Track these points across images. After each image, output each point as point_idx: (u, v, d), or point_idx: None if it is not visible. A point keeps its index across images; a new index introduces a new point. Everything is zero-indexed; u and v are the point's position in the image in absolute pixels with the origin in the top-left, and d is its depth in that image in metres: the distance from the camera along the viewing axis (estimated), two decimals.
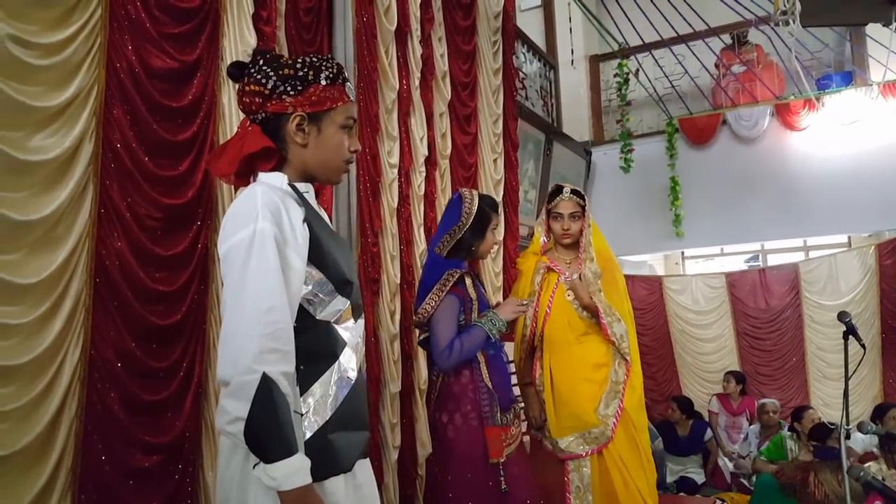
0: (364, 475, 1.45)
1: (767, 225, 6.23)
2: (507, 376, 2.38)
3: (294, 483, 1.20)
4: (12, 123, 1.77)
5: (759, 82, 6.23)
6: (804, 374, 6.13)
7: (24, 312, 1.80)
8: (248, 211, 1.29)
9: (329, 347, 1.38)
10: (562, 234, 2.75)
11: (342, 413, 1.36)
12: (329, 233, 1.46)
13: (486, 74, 4.23)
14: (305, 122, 1.41)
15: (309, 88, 1.40)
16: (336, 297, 1.39)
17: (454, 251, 2.38)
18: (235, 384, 1.20)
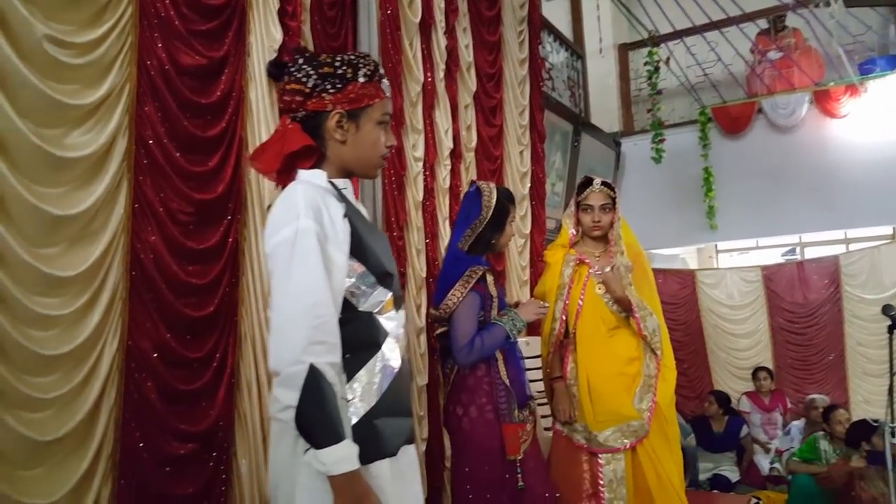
0: (408, 461, 1.50)
1: (805, 217, 6.06)
2: (522, 372, 2.39)
3: (342, 468, 1.26)
4: (50, 121, 1.84)
5: (796, 68, 6.06)
6: (843, 370, 5.96)
7: (64, 304, 1.86)
8: (290, 210, 1.35)
9: (372, 337, 1.44)
10: (592, 227, 2.73)
11: (386, 400, 1.42)
12: (368, 227, 1.51)
13: (511, 65, 4.21)
14: (344, 119, 1.45)
15: (348, 86, 1.44)
16: (378, 288, 1.45)
17: (474, 246, 2.40)
18: (285, 375, 1.27)
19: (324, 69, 1.44)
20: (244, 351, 2.38)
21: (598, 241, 2.78)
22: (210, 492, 2.22)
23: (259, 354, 2.39)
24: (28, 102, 1.77)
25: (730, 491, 4.92)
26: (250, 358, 2.38)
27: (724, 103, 6.35)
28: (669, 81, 6.51)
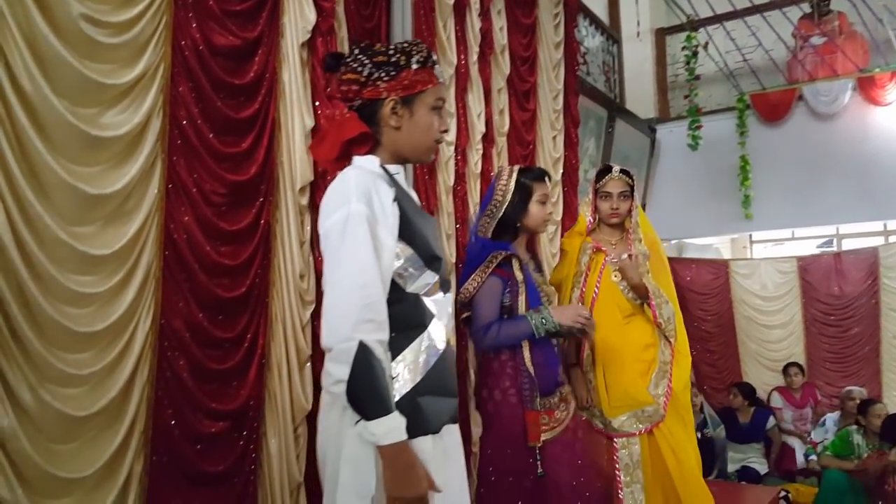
0: (452, 440, 1.56)
1: (844, 207, 5.89)
2: (554, 360, 2.33)
3: (391, 438, 1.33)
4: (86, 100, 1.85)
5: (840, 54, 5.87)
6: (877, 364, 5.82)
7: (99, 282, 1.89)
8: (342, 194, 1.41)
9: (418, 318, 1.50)
10: (610, 214, 2.70)
11: (430, 379, 1.47)
12: (418, 212, 1.56)
13: (546, 48, 4.14)
14: (398, 105, 1.49)
15: (401, 73, 1.48)
16: (425, 271, 1.50)
17: (499, 231, 2.35)
18: (337, 350, 1.33)
19: (378, 58, 1.48)
20: (275, 332, 2.39)
21: (614, 228, 2.76)
22: (240, 470, 2.25)
23: (289, 336, 2.40)
24: (64, 82, 1.78)
25: (758, 483, 4.85)
26: (281, 339, 2.39)
27: (763, 90, 6.18)
28: (707, 67, 6.35)
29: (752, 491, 4.07)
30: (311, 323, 2.48)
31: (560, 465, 2.23)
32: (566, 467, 2.24)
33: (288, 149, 2.44)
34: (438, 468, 1.43)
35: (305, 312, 2.45)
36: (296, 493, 2.38)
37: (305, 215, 2.50)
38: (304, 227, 2.49)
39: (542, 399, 2.25)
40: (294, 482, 2.37)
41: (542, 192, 2.35)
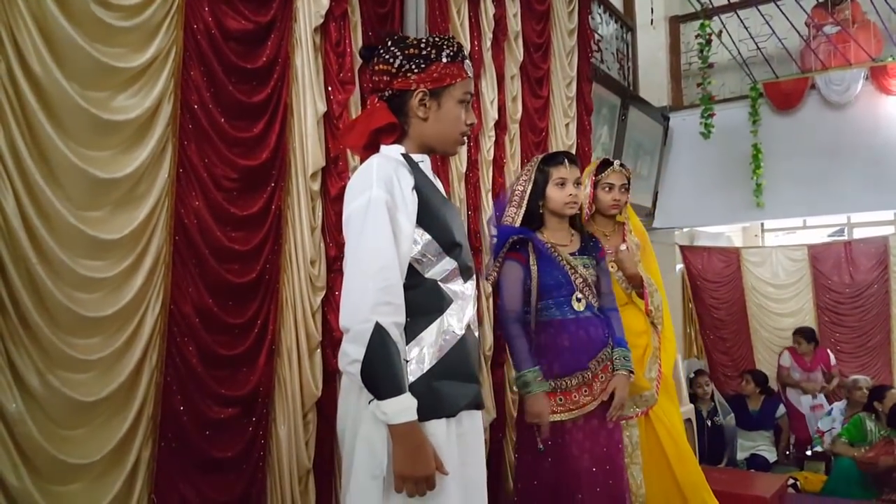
0: (472, 425, 1.58)
1: (856, 196, 5.84)
2: (579, 344, 2.30)
3: (402, 418, 1.36)
4: (97, 84, 1.83)
5: (853, 43, 5.80)
6: (888, 353, 5.85)
7: (108, 267, 1.88)
8: (364, 180, 1.45)
9: (435, 303, 1.52)
10: (611, 205, 2.74)
11: (446, 364, 1.49)
12: (441, 199, 1.58)
13: (560, 35, 4.09)
14: (427, 97, 1.53)
15: (431, 66, 1.52)
16: (444, 258, 1.53)
17: (528, 219, 2.38)
18: (354, 331, 1.37)
19: (409, 50, 1.52)
20: (285, 318, 2.39)
21: (608, 219, 2.80)
22: (249, 456, 2.25)
23: (300, 322, 2.39)
24: (75, 65, 1.76)
25: (767, 471, 4.86)
26: (291, 325, 2.39)
27: (776, 79, 6.11)
28: (720, 56, 6.28)
29: (760, 479, 4.07)
30: (322, 309, 2.47)
31: (581, 450, 2.25)
32: (587, 454, 2.25)
33: (300, 134, 2.42)
34: (451, 452, 1.46)
35: (316, 298, 2.44)
36: (305, 480, 2.39)
37: (317, 201, 2.48)
38: (316, 212, 2.47)
39: (556, 381, 2.25)
40: (303, 468, 2.37)
41: (558, 175, 2.34)
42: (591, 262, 2.38)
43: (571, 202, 2.34)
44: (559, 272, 2.31)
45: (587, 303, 2.32)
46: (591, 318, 2.32)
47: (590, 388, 2.28)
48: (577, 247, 2.39)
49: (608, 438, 2.31)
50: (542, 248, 2.32)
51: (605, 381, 2.30)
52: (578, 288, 2.31)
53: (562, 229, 2.40)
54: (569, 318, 2.30)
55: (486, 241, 3.37)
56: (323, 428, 2.46)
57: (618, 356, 2.33)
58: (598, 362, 2.30)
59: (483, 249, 3.36)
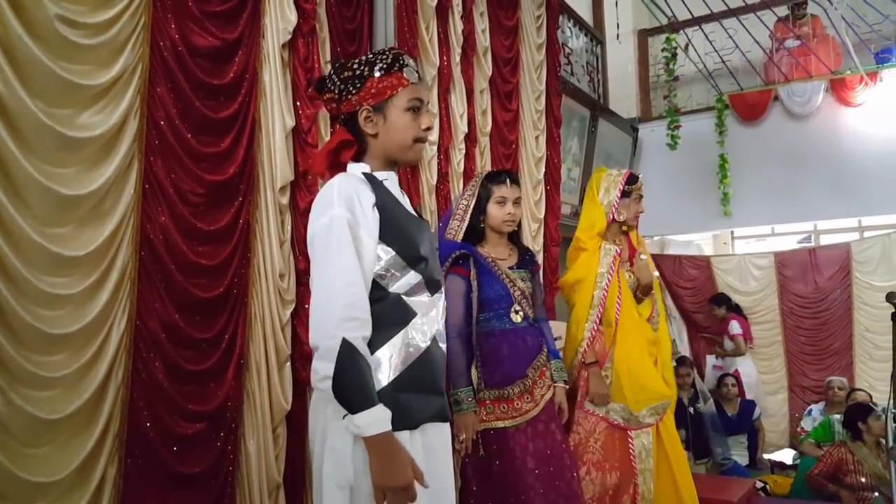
0: (438, 437, 1.59)
1: (820, 204, 6.02)
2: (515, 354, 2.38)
3: (375, 430, 1.37)
4: (61, 101, 1.84)
5: (813, 57, 5.97)
6: (850, 356, 5.97)
7: (73, 283, 1.88)
8: (326, 199, 1.48)
9: (399, 316, 1.53)
10: (634, 217, 2.85)
11: (409, 376, 1.51)
12: (406, 215, 1.60)
13: (528, 50, 4.16)
14: (372, 112, 1.56)
15: (366, 83, 1.55)
16: (409, 271, 1.54)
17: (469, 234, 2.43)
18: (323, 348, 1.39)
19: (344, 74, 1.56)
20: (254, 332, 2.39)
21: (619, 231, 2.88)
22: (217, 471, 2.25)
23: (269, 335, 2.40)
24: (39, 83, 1.77)
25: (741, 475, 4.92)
26: (260, 339, 2.39)
27: (741, 90, 6.27)
28: (687, 68, 6.42)
29: (731, 483, 4.13)
30: (291, 322, 2.48)
31: (526, 452, 2.32)
32: (530, 456, 2.32)
33: (269, 148, 2.44)
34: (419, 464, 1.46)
35: (285, 312, 2.45)
36: (275, 494, 2.39)
37: (286, 215, 2.50)
38: (285, 226, 2.49)
39: (499, 390, 2.34)
40: (273, 483, 2.37)
41: (500, 193, 2.42)
42: (528, 276, 2.47)
43: (510, 220, 2.43)
44: (499, 285, 2.39)
45: (524, 314, 2.40)
46: (528, 328, 2.42)
47: (531, 394, 2.37)
48: (514, 261, 2.47)
49: (551, 440, 2.38)
50: (482, 262, 2.40)
51: (543, 387, 2.40)
52: (517, 300, 2.39)
53: (501, 244, 2.48)
54: (507, 329, 2.39)
55: None
56: (293, 442, 2.47)
57: (555, 368, 2.45)
58: (535, 369, 2.40)
59: None
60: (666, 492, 2.72)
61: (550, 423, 2.39)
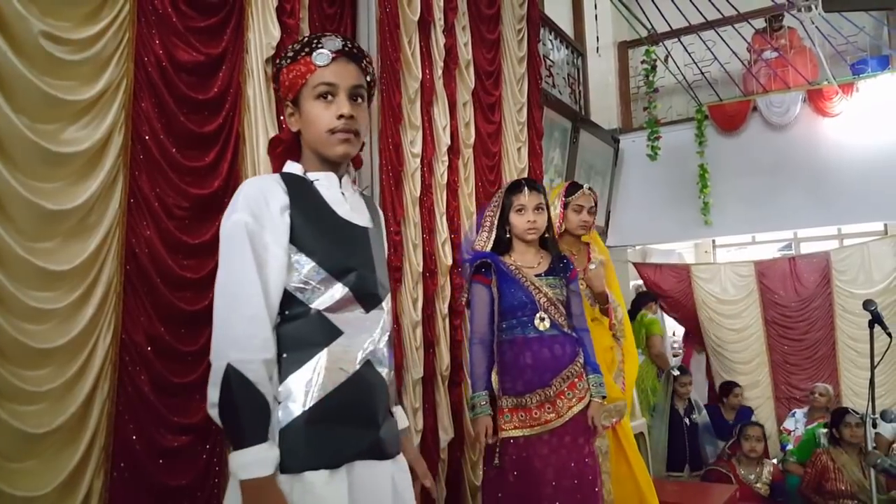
0: (371, 478, 1.36)
1: (799, 213, 6.12)
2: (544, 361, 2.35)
3: (252, 473, 1.19)
4: (46, 117, 1.85)
5: (791, 68, 6.10)
6: (834, 364, 6.04)
7: (58, 298, 1.88)
8: (231, 204, 1.35)
9: (318, 336, 1.34)
10: (580, 225, 2.91)
11: (332, 405, 1.31)
12: (333, 220, 1.42)
13: (510, 63, 4.22)
14: (291, 107, 1.45)
15: (280, 77, 1.44)
16: (333, 284, 1.36)
17: (497, 244, 2.50)
18: (213, 370, 1.24)
19: (280, 63, 1.48)
20: None
21: (575, 239, 2.96)
22: (203, 484, 2.25)
23: None
24: (24, 98, 1.78)
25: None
26: None
27: (720, 101, 6.39)
28: (667, 80, 6.53)
29: (711, 489, 4.18)
30: None
31: (546, 463, 2.31)
32: (551, 468, 2.30)
33: (253, 162, 2.46)
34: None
35: None
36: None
37: None
38: None
39: (518, 398, 2.34)
40: None
41: (518, 202, 2.45)
42: (559, 283, 2.44)
43: (530, 227, 2.43)
44: (522, 293, 2.38)
45: (552, 321, 2.37)
46: (558, 337, 2.37)
47: (553, 405, 2.33)
48: (544, 269, 2.45)
49: (577, 454, 2.34)
50: (504, 269, 2.42)
51: (572, 399, 2.34)
52: (542, 308, 2.37)
53: (529, 252, 2.49)
54: (531, 337, 2.35)
55: (441, 264, 3.44)
56: None
57: (592, 382, 2.40)
58: (563, 380, 2.35)
59: (439, 272, 3.43)
60: (627, 494, 2.79)
61: (579, 437, 2.35)
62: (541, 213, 2.44)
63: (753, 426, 4.51)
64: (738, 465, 4.33)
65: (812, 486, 4.23)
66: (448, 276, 3.49)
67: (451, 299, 3.50)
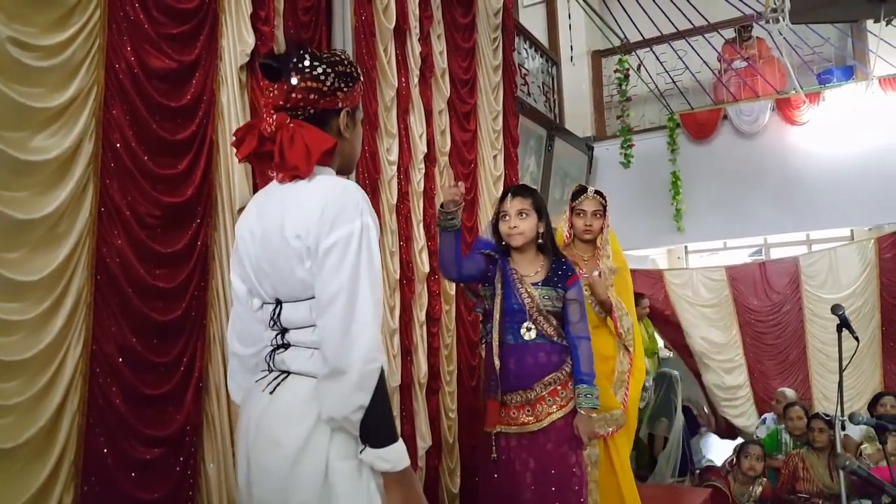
0: None
1: (769, 219, 6.25)
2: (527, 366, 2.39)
3: (405, 463, 1.30)
4: (13, 124, 1.81)
5: (760, 77, 6.23)
6: (806, 368, 6.15)
7: (26, 309, 1.84)
8: (353, 204, 1.34)
9: None
10: (584, 230, 2.90)
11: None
12: None
13: (485, 71, 4.24)
14: (348, 117, 1.47)
15: (355, 85, 1.46)
16: None
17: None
18: (359, 374, 1.25)
19: (338, 67, 1.42)
20: (213, 355, 2.37)
21: (587, 244, 2.95)
22: (177, 496, 2.21)
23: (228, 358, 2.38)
24: None
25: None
26: (219, 362, 2.37)
27: (691, 110, 6.50)
28: (639, 88, 6.63)
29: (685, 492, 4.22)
30: None
31: (525, 467, 2.34)
32: (530, 472, 2.34)
33: (227, 170, 2.44)
34: None
35: None
36: None
37: None
38: None
39: (504, 395, 2.37)
40: None
41: (502, 208, 2.50)
42: (555, 293, 2.43)
43: (511, 233, 2.44)
44: (514, 299, 2.40)
45: (539, 331, 2.39)
46: (543, 345, 2.39)
47: (532, 408, 2.37)
48: (542, 277, 2.46)
49: (560, 461, 2.35)
50: (506, 272, 2.44)
51: (552, 406, 2.37)
52: (531, 317, 2.39)
53: (524, 260, 2.48)
54: (515, 344, 2.39)
55: (418, 272, 3.44)
56: None
57: (579, 392, 2.39)
58: (545, 385, 2.38)
59: (416, 279, 3.42)
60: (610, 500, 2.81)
61: (562, 445, 2.36)
62: (524, 219, 2.43)
63: (754, 444, 4.44)
64: (734, 482, 4.34)
65: (786, 488, 4.30)
66: (425, 284, 3.49)
67: (429, 307, 3.50)
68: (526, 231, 2.43)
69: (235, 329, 1.59)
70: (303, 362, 1.39)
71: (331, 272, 1.30)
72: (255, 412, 1.44)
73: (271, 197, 1.47)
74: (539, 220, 2.46)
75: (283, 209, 1.39)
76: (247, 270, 1.49)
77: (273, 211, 1.42)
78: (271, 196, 1.47)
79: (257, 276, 1.47)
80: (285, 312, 1.43)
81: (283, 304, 1.43)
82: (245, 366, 1.59)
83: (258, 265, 1.46)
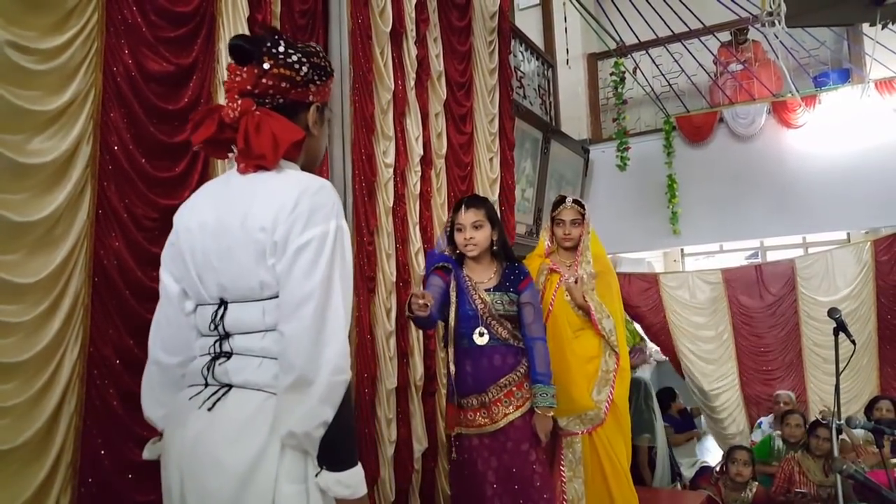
0: None
1: (765, 222, 6.27)
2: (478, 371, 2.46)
3: (364, 489, 1.18)
4: (11, 127, 1.81)
5: (756, 80, 6.26)
6: (801, 370, 6.16)
7: (24, 311, 1.84)
8: (330, 204, 1.25)
9: None
10: (563, 238, 3.02)
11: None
12: None
13: (481, 74, 4.26)
14: (318, 113, 1.39)
15: (328, 80, 1.39)
16: None
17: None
18: (326, 385, 1.14)
19: (313, 59, 1.34)
20: None
21: (569, 251, 3.06)
22: None
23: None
24: None
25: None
26: None
27: (687, 113, 6.52)
28: (635, 91, 6.66)
29: (681, 496, 4.22)
30: None
31: (487, 466, 2.42)
32: (491, 470, 2.42)
33: (223, 173, 2.44)
34: None
35: None
36: None
37: None
38: None
39: (462, 398, 2.46)
40: None
41: (457, 221, 2.58)
42: (508, 298, 2.53)
43: (466, 244, 2.55)
44: (468, 306, 2.49)
45: (492, 335, 2.47)
46: (497, 348, 2.48)
47: (488, 410, 2.45)
48: (494, 283, 2.55)
49: (520, 459, 2.43)
50: (460, 280, 2.52)
51: (508, 406, 2.45)
52: (484, 322, 2.47)
53: (478, 268, 2.59)
54: (469, 348, 2.47)
55: (414, 274, 3.45)
56: None
57: (536, 392, 2.49)
58: (500, 388, 2.46)
59: (412, 282, 3.43)
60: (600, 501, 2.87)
61: (522, 443, 2.45)
62: (479, 229, 2.53)
63: (741, 450, 4.40)
64: (725, 489, 4.35)
65: (782, 491, 4.31)
66: (422, 286, 3.49)
67: None
68: (481, 242, 2.54)
69: (161, 334, 1.44)
70: (250, 373, 1.25)
71: (303, 273, 1.19)
72: (189, 433, 1.27)
73: (232, 186, 1.33)
74: (492, 228, 2.56)
75: (250, 199, 1.27)
76: (186, 266, 1.36)
77: (236, 201, 1.30)
78: (233, 185, 1.33)
79: (200, 272, 1.33)
80: (231, 315, 1.29)
81: (229, 304, 1.30)
82: (168, 377, 1.43)
83: (204, 260, 1.32)
